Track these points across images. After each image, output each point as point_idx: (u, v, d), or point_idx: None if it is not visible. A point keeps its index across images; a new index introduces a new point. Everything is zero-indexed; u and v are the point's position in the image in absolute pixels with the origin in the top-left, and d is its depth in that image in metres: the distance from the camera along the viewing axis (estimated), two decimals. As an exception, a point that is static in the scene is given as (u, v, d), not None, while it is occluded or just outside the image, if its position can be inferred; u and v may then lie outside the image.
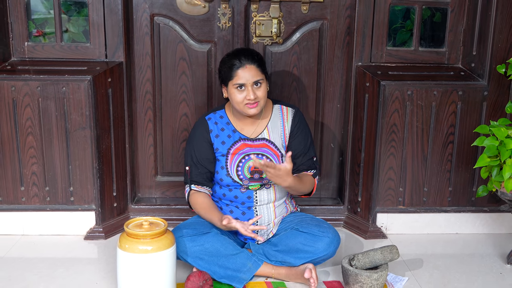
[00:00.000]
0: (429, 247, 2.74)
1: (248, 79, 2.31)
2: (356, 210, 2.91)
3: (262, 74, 2.36)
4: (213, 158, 2.45)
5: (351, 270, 2.23)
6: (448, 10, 2.80)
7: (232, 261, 2.30)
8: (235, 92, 2.34)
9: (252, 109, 2.34)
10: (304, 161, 2.49)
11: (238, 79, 2.32)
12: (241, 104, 2.35)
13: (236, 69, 2.33)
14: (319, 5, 2.84)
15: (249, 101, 2.32)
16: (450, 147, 2.77)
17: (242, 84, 2.32)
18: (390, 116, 2.71)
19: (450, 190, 2.83)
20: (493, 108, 2.74)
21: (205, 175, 2.43)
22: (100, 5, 2.69)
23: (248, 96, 2.32)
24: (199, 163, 2.43)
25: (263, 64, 2.39)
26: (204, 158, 2.44)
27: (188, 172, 2.45)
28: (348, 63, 2.88)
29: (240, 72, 2.32)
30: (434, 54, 2.86)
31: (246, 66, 2.32)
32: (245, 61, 2.34)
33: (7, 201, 2.74)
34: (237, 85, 2.32)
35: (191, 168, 2.44)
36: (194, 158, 2.44)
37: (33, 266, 2.49)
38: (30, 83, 2.60)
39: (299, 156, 2.48)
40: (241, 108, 2.36)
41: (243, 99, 2.33)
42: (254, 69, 2.33)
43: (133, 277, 2.10)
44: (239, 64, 2.33)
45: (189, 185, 2.45)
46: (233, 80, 2.33)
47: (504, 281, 2.43)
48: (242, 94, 2.33)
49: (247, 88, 2.32)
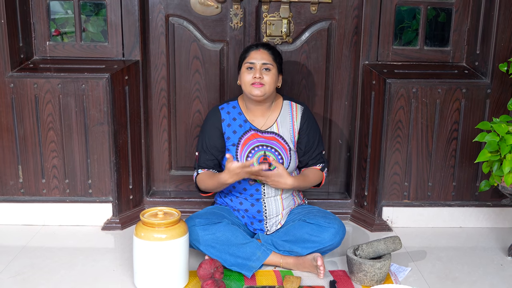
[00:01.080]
0: (433, 240, 2.83)
1: (258, 60, 2.47)
2: (362, 203, 3.01)
3: (273, 61, 2.50)
4: (222, 147, 2.57)
5: (355, 259, 2.33)
6: (452, 10, 2.89)
7: (242, 250, 2.41)
8: (245, 72, 2.50)
9: (256, 90, 2.46)
10: (313, 156, 2.61)
11: (249, 59, 2.49)
12: (248, 84, 2.49)
13: (250, 51, 2.52)
14: (327, 5, 2.94)
15: (255, 80, 2.44)
16: (454, 143, 2.86)
17: (252, 63, 2.47)
18: (395, 113, 2.81)
19: (454, 185, 2.92)
20: (496, 105, 2.82)
21: (212, 162, 2.55)
22: (117, 6, 2.81)
23: (254, 75, 2.45)
24: (208, 150, 2.55)
25: (277, 55, 2.54)
26: (213, 146, 2.56)
27: (197, 158, 2.57)
28: (355, 62, 2.98)
29: (253, 53, 2.50)
30: (439, 53, 2.94)
31: (260, 49, 2.51)
32: (260, 46, 2.52)
33: (29, 193, 2.88)
34: (248, 64, 2.48)
35: (200, 154, 2.57)
36: (204, 145, 2.56)
37: (53, 254, 2.62)
38: (52, 80, 2.74)
39: (308, 151, 2.60)
40: (248, 89, 2.49)
41: (251, 79, 2.46)
42: (267, 54, 2.49)
43: (148, 263, 2.23)
44: (254, 47, 2.53)
45: (196, 169, 2.57)
46: (246, 60, 2.51)
47: (504, 272, 2.52)
48: (250, 74, 2.48)
49: (255, 68, 2.46)
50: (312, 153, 2.61)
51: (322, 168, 2.64)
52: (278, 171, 2.42)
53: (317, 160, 2.63)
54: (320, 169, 2.63)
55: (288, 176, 2.44)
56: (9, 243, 2.72)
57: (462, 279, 2.44)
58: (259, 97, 2.49)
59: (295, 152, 2.60)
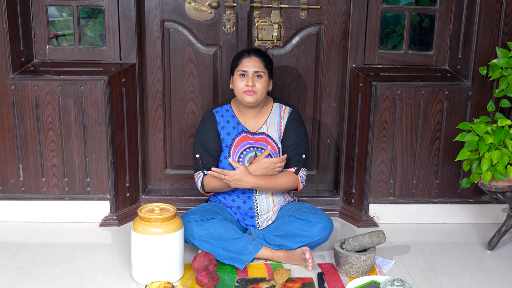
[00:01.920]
0: (417, 235, 2.96)
1: (250, 68, 2.58)
2: (350, 201, 3.14)
3: (265, 68, 2.61)
4: (220, 147, 2.69)
5: (342, 252, 2.46)
6: (435, 16, 3.03)
7: (234, 244, 2.53)
8: (238, 79, 2.61)
9: (249, 97, 2.59)
10: (293, 155, 2.69)
11: (242, 67, 2.60)
12: (241, 91, 2.60)
13: (242, 58, 2.62)
14: (316, 11, 3.07)
15: (247, 88, 2.57)
16: (437, 143, 3.00)
17: (245, 71, 2.58)
18: (381, 114, 2.94)
19: (437, 182, 3.05)
20: (477, 106, 2.96)
21: (215, 162, 2.67)
22: (115, 11, 2.93)
23: (247, 83, 2.56)
24: (208, 151, 2.67)
25: (268, 62, 2.65)
26: (212, 146, 2.67)
27: (200, 159, 2.67)
28: (343, 65, 3.11)
29: (245, 61, 2.60)
30: (423, 56, 3.08)
31: (252, 57, 2.61)
32: (252, 54, 2.63)
33: (29, 191, 2.99)
34: (241, 71, 2.59)
35: (201, 156, 2.67)
36: (204, 147, 2.67)
37: (53, 249, 2.73)
38: (52, 82, 2.85)
39: (288, 149, 2.69)
40: (240, 96, 2.61)
41: (244, 86, 2.58)
42: (258, 61, 2.60)
43: (146, 256, 2.34)
44: (247, 55, 2.63)
45: (201, 171, 2.67)
46: (238, 67, 2.61)
47: (483, 264, 2.65)
48: (243, 81, 2.59)
49: (248, 76, 2.58)
50: (292, 152, 2.68)
51: (297, 171, 2.68)
52: (239, 171, 2.53)
53: (295, 161, 2.69)
54: (294, 172, 2.69)
55: (249, 175, 2.53)
56: (10, 239, 2.82)
57: (443, 271, 2.57)
58: (251, 103, 2.61)
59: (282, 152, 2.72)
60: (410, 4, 3.14)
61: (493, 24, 2.86)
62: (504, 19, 2.85)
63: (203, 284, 2.31)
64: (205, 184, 2.68)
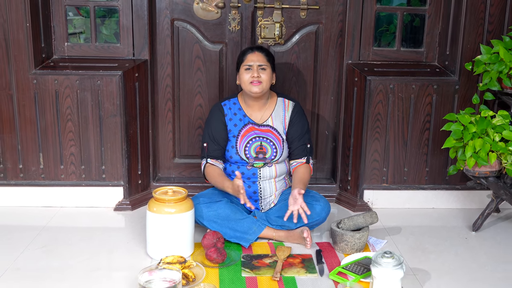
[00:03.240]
0: (408, 219, 3.19)
1: (255, 61, 2.83)
2: (346, 187, 3.38)
3: (267, 62, 2.86)
4: (226, 137, 2.92)
5: (338, 231, 2.70)
6: (425, 16, 3.26)
7: (240, 224, 2.77)
8: (244, 72, 2.85)
9: (255, 87, 2.83)
10: (298, 145, 2.94)
11: (247, 61, 2.84)
12: (247, 83, 2.84)
13: (247, 54, 2.87)
14: (315, 11, 3.30)
15: (253, 79, 2.81)
16: (427, 133, 3.23)
17: (250, 65, 2.82)
18: (375, 106, 3.18)
19: (427, 170, 3.29)
20: (463, 99, 3.20)
21: (220, 151, 2.90)
22: (129, 11, 3.17)
23: (252, 74, 2.80)
24: (215, 140, 2.90)
25: (271, 57, 2.90)
26: (219, 136, 2.91)
27: (206, 148, 2.91)
28: (340, 61, 3.34)
29: (249, 55, 2.86)
30: (413, 53, 3.32)
31: (255, 52, 2.86)
32: (255, 49, 2.89)
33: (48, 177, 3.22)
34: (246, 66, 2.84)
35: (208, 145, 2.91)
36: (211, 136, 2.91)
37: (73, 231, 2.97)
38: (71, 77, 3.09)
39: (294, 140, 2.94)
40: (247, 87, 2.84)
41: (250, 78, 2.82)
42: (261, 56, 2.85)
43: (160, 234, 2.58)
44: (250, 50, 2.88)
45: (206, 158, 2.91)
46: (243, 62, 2.86)
47: (468, 244, 2.89)
48: (249, 74, 2.83)
49: (253, 68, 2.82)
50: (298, 143, 2.94)
51: (307, 161, 2.96)
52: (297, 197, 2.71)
53: (302, 151, 2.94)
54: (305, 162, 2.95)
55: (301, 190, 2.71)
56: (32, 222, 3.05)
57: (431, 250, 2.81)
58: (258, 93, 2.85)
59: (287, 143, 2.96)
60: (402, 4, 3.38)
61: (478, 23, 3.10)
62: (489, 19, 3.09)
63: (212, 259, 2.55)
64: (206, 173, 2.91)
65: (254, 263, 2.58)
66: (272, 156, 2.89)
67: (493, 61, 2.87)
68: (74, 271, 2.53)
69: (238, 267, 2.54)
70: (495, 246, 2.86)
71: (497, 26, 3.10)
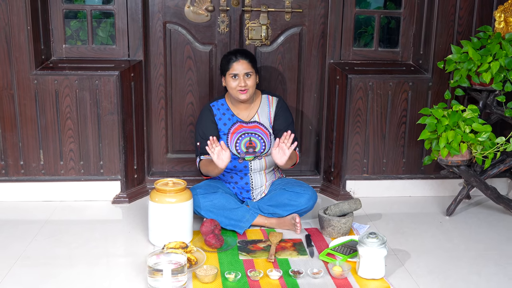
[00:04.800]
0: (387, 206, 3.45)
1: (240, 71, 3.02)
2: (329, 178, 3.62)
3: (252, 68, 3.05)
4: (218, 135, 3.13)
5: (325, 217, 2.94)
6: (401, 18, 3.53)
7: (234, 213, 2.98)
8: (231, 80, 3.04)
9: (243, 95, 3.03)
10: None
11: (233, 70, 3.02)
12: (234, 90, 3.04)
13: (232, 62, 3.04)
14: (299, 14, 3.54)
15: (240, 87, 3.01)
16: (403, 127, 3.50)
17: (236, 74, 3.01)
18: (355, 102, 3.43)
19: (404, 161, 3.56)
20: (436, 95, 3.47)
21: None
22: (124, 14, 3.35)
23: (240, 84, 3.01)
24: (207, 139, 3.10)
25: (254, 61, 3.09)
26: (210, 135, 3.11)
27: (199, 147, 3.12)
28: (322, 61, 3.58)
29: (235, 65, 3.02)
30: (390, 53, 3.58)
31: (240, 60, 3.03)
32: (239, 57, 3.04)
33: (49, 173, 3.38)
34: (232, 74, 3.02)
35: (201, 143, 3.11)
36: (203, 135, 3.11)
37: (75, 222, 3.14)
38: (70, 77, 3.25)
39: (280, 131, 3.15)
40: (234, 94, 3.05)
41: (236, 86, 3.02)
42: (246, 63, 3.03)
43: (161, 222, 2.78)
44: (235, 59, 3.04)
45: (199, 156, 3.12)
46: (229, 71, 3.04)
47: (443, 227, 3.16)
48: (235, 82, 3.03)
49: (239, 77, 3.01)
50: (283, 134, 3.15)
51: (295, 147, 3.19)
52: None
53: None
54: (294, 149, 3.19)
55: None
56: (35, 216, 3.20)
57: (409, 233, 3.07)
58: (245, 100, 3.07)
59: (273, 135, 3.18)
60: (379, 8, 3.64)
61: (448, 25, 3.37)
62: (458, 21, 3.37)
63: (211, 244, 2.76)
64: (201, 168, 3.12)
65: (249, 247, 2.80)
66: (261, 149, 3.12)
67: (463, 60, 3.15)
68: (82, 258, 2.71)
69: (235, 251, 2.75)
70: (467, 228, 3.14)
71: (465, 28, 3.38)
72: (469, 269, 2.67)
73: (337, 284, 2.46)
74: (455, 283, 2.53)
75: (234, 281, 2.46)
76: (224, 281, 2.46)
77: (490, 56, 3.06)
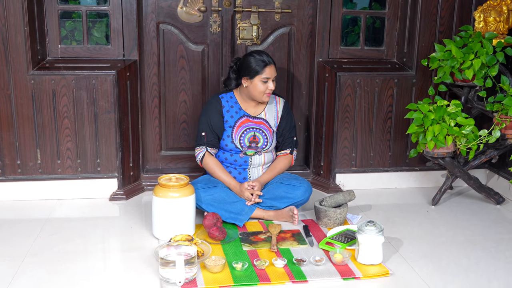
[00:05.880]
0: (375, 198, 3.61)
1: (272, 75, 3.12)
2: (319, 172, 3.76)
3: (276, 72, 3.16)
4: (223, 127, 3.22)
5: (321, 208, 3.08)
6: (385, 18, 3.70)
7: (234, 206, 3.09)
8: (260, 84, 3.11)
9: (267, 98, 3.16)
10: (287, 137, 3.31)
11: (266, 74, 3.10)
12: (262, 93, 3.13)
13: (265, 67, 3.10)
14: (288, 14, 3.67)
15: (270, 91, 3.12)
16: (389, 122, 3.67)
17: (268, 78, 3.11)
18: (344, 99, 3.58)
19: (390, 154, 3.73)
20: (420, 91, 3.65)
21: (216, 140, 3.21)
22: (119, 15, 3.42)
23: (270, 87, 3.11)
24: (213, 130, 3.20)
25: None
26: (217, 126, 3.20)
27: (205, 137, 3.19)
28: (311, 59, 3.72)
29: (267, 69, 3.11)
30: (376, 51, 3.75)
31: (272, 65, 3.13)
32: (271, 61, 3.13)
33: (46, 172, 3.42)
34: (265, 78, 3.11)
35: (207, 133, 3.19)
36: (210, 126, 3.19)
37: (76, 220, 3.19)
38: (67, 77, 3.31)
39: (284, 133, 3.30)
40: (260, 97, 3.14)
41: (265, 89, 3.12)
42: (274, 68, 3.14)
43: (165, 216, 2.86)
44: (268, 63, 3.11)
45: (205, 146, 3.20)
46: (261, 75, 3.10)
47: (429, 215, 3.34)
48: (265, 86, 3.12)
49: (269, 81, 3.11)
50: (286, 136, 3.31)
51: (291, 152, 3.32)
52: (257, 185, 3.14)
53: (288, 143, 3.31)
54: (289, 153, 3.32)
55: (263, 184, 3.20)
56: (35, 215, 3.24)
57: (399, 222, 3.24)
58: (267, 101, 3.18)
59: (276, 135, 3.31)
60: (365, 8, 3.80)
61: (431, 25, 3.56)
62: (440, 21, 3.56)
63: (214, 237, 2.86)
64: (205, 160, 3.21)
65: (251, 238, 2.92)
66: (263, 145, 3.23)
67: (446, 57, 3.33)
68: (90, 253, 2.78)
69: (238, 243, 2.87)
70: (452, 216, 3.32)
71: (447, 27, 3.57)
72: (459, 253, 2.84)
73: (339, 270, 2.60)
74: (447, 265, 2.70)
75: (242, 270, 2.57)
76: (232, 270, 2.57)
77: (472, 54, 3.25)
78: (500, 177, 3.71)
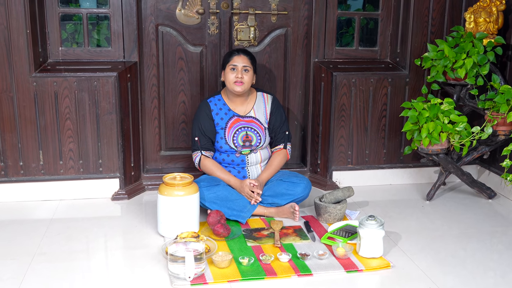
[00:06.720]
0: (371, 194, 3.71)
1: (239, 63, 3.22)
2: (316, 170, 3.85)
3: (251, 64, 3.26)
4: (215, 130, 3.30)
5: (321, 204, 3.17)
6: (379, 19, 3.80)
7: (236, 204, 3.17)
8: (229, 72, 3.23)
9: (238, 87, 3.23)
10: (280, 132, 3.39)
11: (233, 62, 3.23)
12: (231, 82, 3.23)
13: (233, 55, 3.25)
14: (284, 16, 3.75)
15: (237, 79, 3.20)
16: (384, 120, 3.77)
17: (235, 65, 3.21)
18: (340, 98, 3.67)
19: (384, 151, 3.83)
20: (413, 90, 3.76)
21: (210, 143, 3.29)
22: (119, 18, 3.47)
23: (237, 75, 3.20)
24: (205, 134, 3.27)
25: (254, 60, 3.30)
26: (208, 130, 3.28)
27: (198, 141, 3.28)
28: (307, 60, 3.81)
29: (235, 57, 3.24)
30: (370, 52, 3.85)
31: (241, 55, 3.25)
32: (241, 52, 3.27)
33: (48, 173, 3.47)
34: (231, 66, 3.22)
35: (200, 138, 3.28)
36: (202, 131, 3.28)
37: (80, 219, 3.23)
38: (69, 79, 3.35)
39: (276, 128, 3.38)
40: (231, 86, 3.24)
41: (234, 77, 3.21)
42: (246, 59, 3.25)
43: (170, 214, 2.93)
44: (236, 53, 3.26)
45: (199, 151, 3.28)
46: (229, 63, 3.24)
47: (425, 210, 3.45)
48: (233, 74, 3.22)
49: (237, 69, 3.21)
50: (278, 131, 3.39)
51: (284, 146, 3.41)
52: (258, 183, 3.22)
53: (282, 137, 3.40)
54: (283, 147, 3.41)
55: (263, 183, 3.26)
56: (39, 215, 3.28)
57: (396, 217, 3.34)
58: (239, 92, 3.25)
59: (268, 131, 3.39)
60: (359, 10, 3.90)
61: (423, 26, 3.67)
62: (431, 22, 3.67)
63: (219, 233, 2.93)
64: (202, 163, 3.28)
65: (254, 235, 3.00)
66: (257, 143, 3.31)
67: (439, 57, 3.44)
68: (97, 252, 2.83)
69: (242, 239, 2.94)
70: (447, 211, 3.44)
71: (438, 28, 3.69)
72: (455, 245, 2.95)
73: (342, 264, 2.69)
74: (446, 257, 2.80)
75: (248, 265, 2.65)
76: (239, 265, 2.65)
77: (464, 53, 3.37)
78: (491, 173, 3.83)
